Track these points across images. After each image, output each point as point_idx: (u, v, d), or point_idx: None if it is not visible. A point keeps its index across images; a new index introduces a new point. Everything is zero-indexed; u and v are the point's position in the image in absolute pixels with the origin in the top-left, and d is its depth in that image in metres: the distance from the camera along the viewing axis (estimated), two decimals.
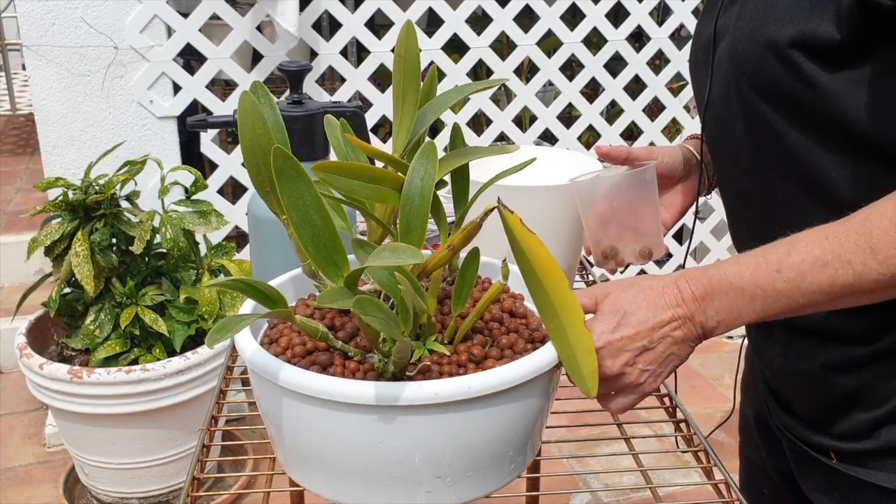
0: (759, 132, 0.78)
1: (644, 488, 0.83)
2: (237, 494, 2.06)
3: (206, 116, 1.14)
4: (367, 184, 0.65)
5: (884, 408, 0.77)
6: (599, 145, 0.97)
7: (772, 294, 0.66)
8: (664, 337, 0.69)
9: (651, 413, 0.97)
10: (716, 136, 0.87)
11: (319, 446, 0.66)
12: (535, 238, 0.64)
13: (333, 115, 1.10)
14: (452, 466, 0.65)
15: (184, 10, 2.28)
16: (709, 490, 0.84)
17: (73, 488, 2.07)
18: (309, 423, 0.65)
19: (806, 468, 0.88)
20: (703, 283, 0.68)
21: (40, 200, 3.15)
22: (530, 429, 0.70)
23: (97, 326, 1.82)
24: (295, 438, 0.67)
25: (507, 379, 0.63)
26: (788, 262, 0.66)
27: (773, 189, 0.79)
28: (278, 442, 0.71)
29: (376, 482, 0.65)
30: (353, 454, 0.64)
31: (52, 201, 1.83)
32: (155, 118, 2.23)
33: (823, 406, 0.83)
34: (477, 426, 0.64)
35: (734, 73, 0.78)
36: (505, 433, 0.67)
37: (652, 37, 2.64)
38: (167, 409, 1.82)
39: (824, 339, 0.80)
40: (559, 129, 2.63)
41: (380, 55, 2.37)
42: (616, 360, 0.69)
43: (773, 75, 0.73)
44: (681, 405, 0.94)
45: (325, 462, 0.66)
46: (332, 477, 0.67)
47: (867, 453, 0.79)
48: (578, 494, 2.10)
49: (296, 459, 0.69)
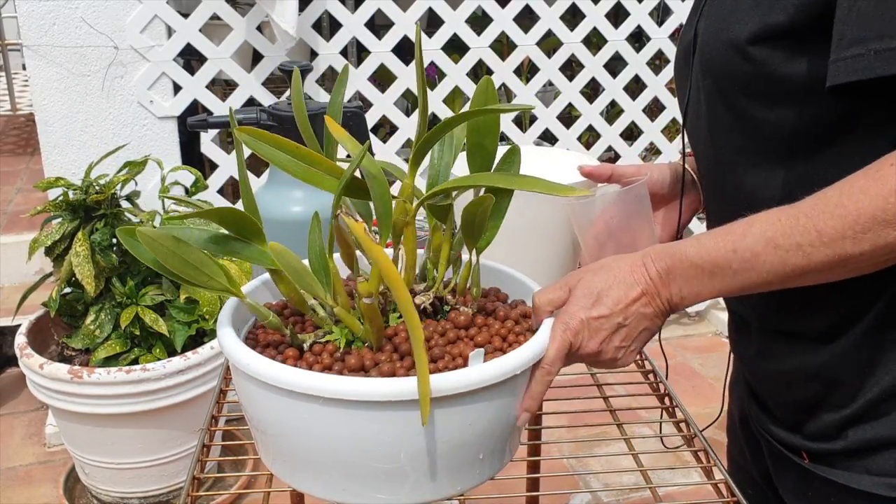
0: (727, 131, 0.80)
1: (644, 488, 0.83)
2: (237, 494, 2.07)
3: (206, 116, 1.14)
4: (298, 161, 0.67)
5: (850, 408, 0.78)
6: (582, 165, 0.98)
7: (729, 272, 0.70)
8: (636, 313, 0.73)
9: (651, 413, 0.97)
10: (696, 140, 0.89)
11: (302, 443, 0.66)
12: (380, 250, 0.64)
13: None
14: (438, 460, 0.66)
15: (184, 11, 2.28)
16: (708, 490, 0.84)
17: (73, 488, 2.07)
18: (289, 419, 0.65)
19: (782, 469, 0.89)
20: (666, 261, 0.73)
21: (40, 200, 3.15)
22: (514, 422, 0.71)
23: (97, 326, 1.82)
24: (276, 434, 0.68)
25: (497, 373, 0.65)
26: (744, 243, 0.69)
27: (744, 183, 0.81)
28: (261, 440, 0.71)
29: (361, 477, 0.66)
30: (336, 450, 0.65)
31: (53, 201, 1.83)
32: (155, 118, 2.23)
33: (795, 406, 0.84)
34: (463, 420, 0.65)
35: (703, 75, 0.81)
36: (491, 426, 0.68)
37: (652, 37, 2.64)
38: (167, 409, 1.82)
39: (793, 338, 0.81)
40: (559, 129, 2.64)
41: (380, 55, 2.37)
42: (594, 338, 0.73)
43: (739, 73, 0.75)
44: (681, 405, 0.94)
45: (309, 459, 0.67)
46: (316, 473, 0.67)
47: (837, 454, 0.80)
48: (578, 494, 2.10)
49: (278, 456, 0.70)
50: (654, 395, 0.99)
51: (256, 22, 2.24)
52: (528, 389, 0.71)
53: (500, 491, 0.70)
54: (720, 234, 0.71)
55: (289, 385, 0.63)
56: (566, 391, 0.76)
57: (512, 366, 0.66)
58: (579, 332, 0.72)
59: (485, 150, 0.76)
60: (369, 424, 0.63)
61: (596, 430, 0.98)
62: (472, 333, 0.72)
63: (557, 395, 0.74)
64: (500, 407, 0.68)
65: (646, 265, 0.73)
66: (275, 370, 0.63)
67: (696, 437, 0.88)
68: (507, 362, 0.66)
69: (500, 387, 0.66)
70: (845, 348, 0.78)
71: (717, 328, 3.00)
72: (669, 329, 3.00)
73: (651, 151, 2.92)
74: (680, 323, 3.04)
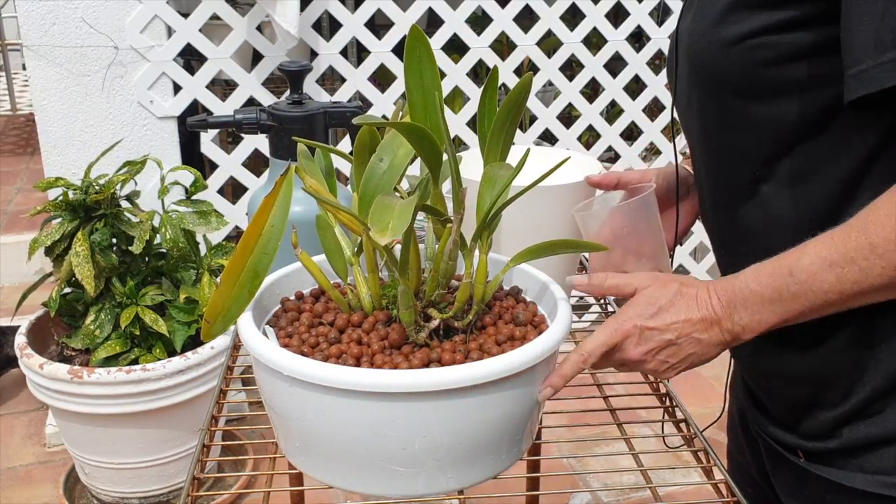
0: (719, 129, 0.81)
1: (644, 488, 0.83)
2: (237, 494, 2.06)
3: (206, 116, 1.14)
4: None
5: (844, 407, 0.79)
6: (589, 175, 0.99)
7: (788, 297, 0.71)
8: (690, 336, 0.74)
9: (651, 413, 0.98)
10: (690, 138, 0.89)
11: (322, 433, 0.66)
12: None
13: (334, 115, 1.10)
14: (452, 452, 0.66)
15: (184, 11, 2.28)
16: (708, 490, 0.84)
17: (73, 488, 2.07)
18: (310, 410, 0.66)
19: (779, 469, 0.89)
20: (727, 291, 0.74)
21: (40, 200, 3.15)
22: (529, 414, 0.72)
23: (97, 326, 1.82)
24: (297, 425, 0.68)
25: (509, 366, 0.65)
26: (799, 265, 0.70)
27: (741, 176, 0.81)
28: (282, 429, 0.71)
29: (377, 468, 0.66)
30: (353, 440, 0.65)
31: (53, 201, 1.83)
32: (155, 118, 2.23)
33: (791, 405, 0.85)
34: (479, 412, 0.66)
35: (690, 74, 0.82)
36: (505, 419, 0.68)
37: (652, 37, 2.64)
38: (167, 409, 1.82)
39: (786, 338, 0.81)
40: (559, 129, 2.64)
41: (380, 55, 2.37)
42: (640, 346, 0.74)
43: (726, 72, 0.76)
44: (681, 405, 0.94)
45: (329, 449, 0.67)
46: (334, 463, 0.68)
47: (832, 452, 0.81)
48: (578, 494, 2.10)
49: (298, 446, 0.70)
50: (654, 395, 0.99)
51: (256, 22, 2.24)
52: (559, 367, 0.73)
53: (500, 490, 0.70)
54: (775, 260, 0.72)
55: (325, 381, 0.64)
56: (566, 391, 0.76)
57: (521, 360, 0.66)
58: (629, 336, 0.73)
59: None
60: (385, 413, 0.64)
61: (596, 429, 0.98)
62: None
63: (557, 395, 0.74)
64: (511, 399, 0.68)
65: (710, 293, 0.74)
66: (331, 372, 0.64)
67: (696, 437, 0.88)
68: (517, 357, 0.66)
69: (509, 380, 0.67)
70: (837, 347, 0.78)
71: None
72: None
73: (651, 151, 2.92)
74: None
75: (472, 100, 2.55)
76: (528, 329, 0.75)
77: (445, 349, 0.70)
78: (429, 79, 0.70)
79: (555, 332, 0.71)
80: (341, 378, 0.63)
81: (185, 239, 1.85)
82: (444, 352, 0.69)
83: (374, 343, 0.70)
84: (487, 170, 0.72)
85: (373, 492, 0.68)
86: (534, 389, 0.71)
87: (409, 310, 0.70)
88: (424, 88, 0.70)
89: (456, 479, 0.68)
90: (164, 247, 1.87)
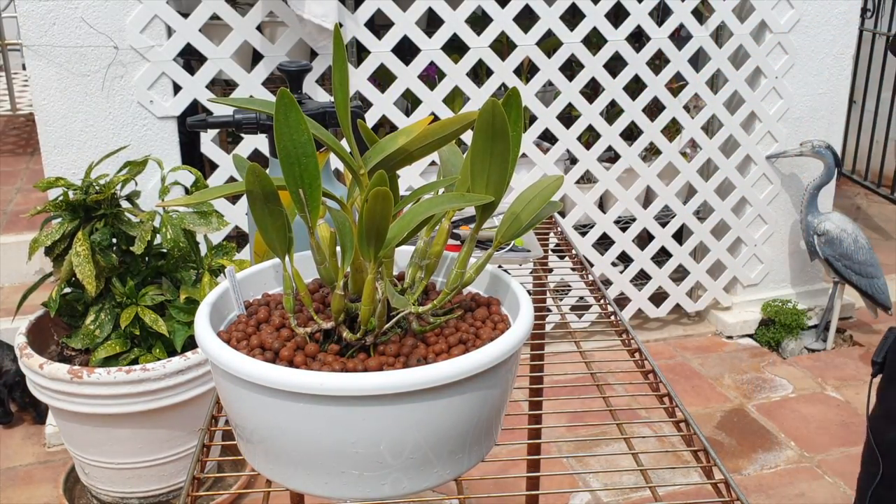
0: None
1: (644, 488, 0.83)
2: (237, 494, 2.07)
3: (206, 116, 1.14)
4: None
5: None
6: None
7: None
8: None
9: (651, 413, 0.98)
10: None
11: (282, 438, 0.66)
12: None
13: (333, 115, 1.10)
14: (417, 454, 0.66)
15: (184, 10, 2.28)
16: (708, 490, 0.84)
17: (73, 488, 2.08)
18: (267, 414, 0.66)
19: None
20: None
21: (40, 200, 3.15)
22: (494, 414, 0.72)
23: (97, 326, 1.82)
24: (256, 430, 0.68)
25: (470, 367, 0.65)
26: None
27: None
28: (242, 436, 0.72)
29: (342, 473, 0.66)
30: (317, 445, 0.65)
31: (53, 201, 1.83)
32: (155, 118, 2.23)
33: None
34: (441, 414, 0.66)
35: None
36: (468, 420, 0.68)
37: (652, 37, 2.64)
38: (167, 409, 1.83)
39: None
40: (559, 129, 2.64)
41: (380, 55, 2.37)
42: None
43: None
44: (681, 405, 0.94)
45: (290, 454, 0.67)
46: (296, 468, 0.68)
47: None
48: (578, 494, 2.10)
49: (260, 452, 0.70)
50: (654, 395, 0.99)
51: (256, 22, 2.24)
52: None
53: (500, 490, 0.70)
54: None
55: (284, 385, 0.63)
56: (566, 391, 0.75)
57: (487, 359, 0.66)
58: None
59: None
60: (346, 418, 0.64)
61: (596, 429, 0.98)
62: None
63: (557, 395, 0.74)
64: (476, 399, 0.68)
65: None
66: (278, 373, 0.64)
67: (696, 437, 0.88)
68: (479, 357, 0.66)
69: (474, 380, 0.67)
70: None
71: (717, 328, 3.01)
72: (669, 329, 3.00)
73: (651, 151, 2.93)
74: (680, 323, 3.04)
75: (473, 100, 2.55)
76: (493, 330, 0.76)
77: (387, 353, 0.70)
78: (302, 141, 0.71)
79: (517, 331, 0.71)
80: (292, 381, 0.63)
81: (185, 239, 1.86)
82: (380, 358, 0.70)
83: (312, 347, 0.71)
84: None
85: (334, 495, 0.68)
86: (496, 391, 0.71)
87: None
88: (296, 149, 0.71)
89: (422, 480, 0.68)
90: (165, 247, 1.87)
